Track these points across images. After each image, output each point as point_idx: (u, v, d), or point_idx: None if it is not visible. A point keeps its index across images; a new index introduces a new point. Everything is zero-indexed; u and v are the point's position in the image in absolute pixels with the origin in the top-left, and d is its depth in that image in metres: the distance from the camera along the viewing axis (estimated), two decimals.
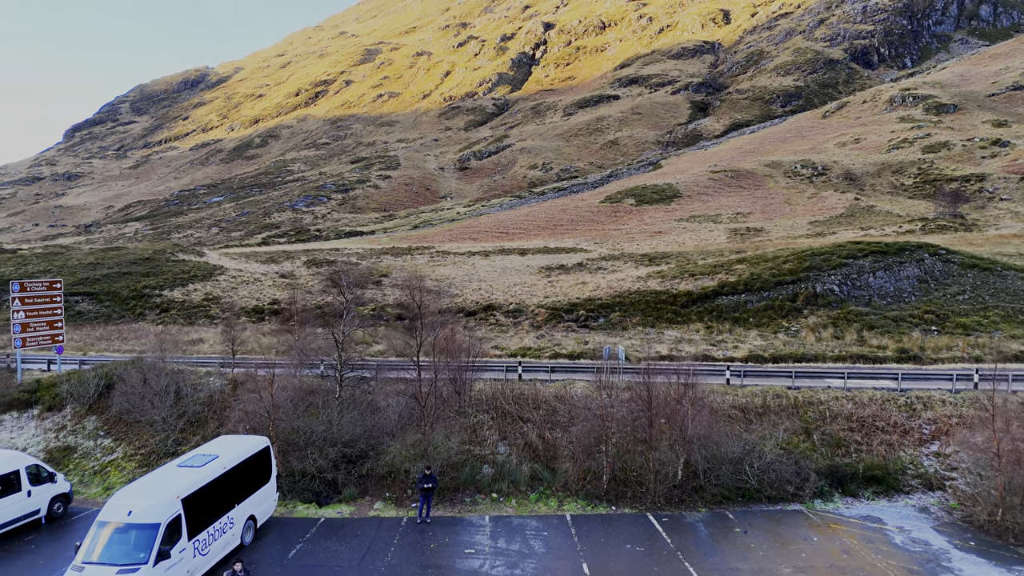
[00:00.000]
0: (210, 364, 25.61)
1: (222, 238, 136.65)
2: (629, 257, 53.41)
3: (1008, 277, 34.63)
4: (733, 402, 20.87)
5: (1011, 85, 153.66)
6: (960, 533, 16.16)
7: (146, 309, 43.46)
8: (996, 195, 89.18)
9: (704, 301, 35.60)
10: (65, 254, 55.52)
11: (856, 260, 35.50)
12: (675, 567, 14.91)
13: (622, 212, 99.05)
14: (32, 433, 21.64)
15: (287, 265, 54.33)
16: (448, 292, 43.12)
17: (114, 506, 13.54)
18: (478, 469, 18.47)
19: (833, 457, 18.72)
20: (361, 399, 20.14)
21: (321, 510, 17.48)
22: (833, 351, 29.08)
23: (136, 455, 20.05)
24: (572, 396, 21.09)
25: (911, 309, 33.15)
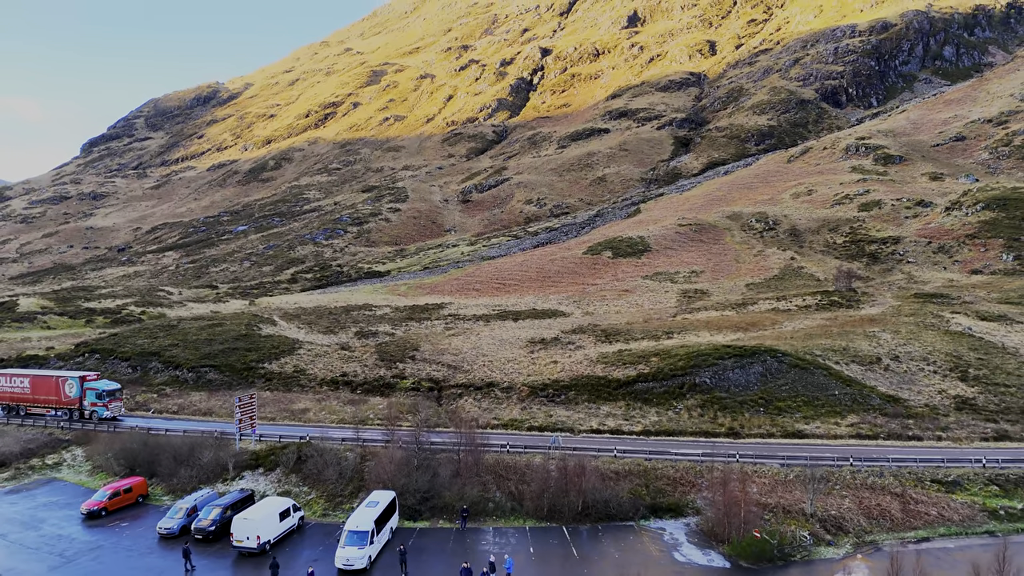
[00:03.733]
0: (333, 438, 44.71)
1: (256, 274, 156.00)
2: (591, 331, 72.70)
3: (816, 374, 53.77)
4: (614, 468, 39.75)
5: (954, 136, 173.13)
6: (698, 536, 34.98)
7: (255, 378, 62.57)
8: (904, 258, 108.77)
9: (628, 386, 54.70)
10: (179, 326, 74.64)
11: (724, 360, 54.62)
12: (567, 548, 34.00)
13: (600, 265, 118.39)
14: (264, 483, 40.45)
15: (343, 336, 73.49)
16: (462, 368, 62.54)
17: (351, 522, 32.43)
18: (486, 505, 37.41)
19: (655, 498, 37.73)
20: (426, 463, 39.22)
21: (415, 524, 36.36)
22: (694, 427, 48.17)
23: (322, 497, 38.92)
24: (533, 464, 40.02)
25: (752, 396, 52.19)
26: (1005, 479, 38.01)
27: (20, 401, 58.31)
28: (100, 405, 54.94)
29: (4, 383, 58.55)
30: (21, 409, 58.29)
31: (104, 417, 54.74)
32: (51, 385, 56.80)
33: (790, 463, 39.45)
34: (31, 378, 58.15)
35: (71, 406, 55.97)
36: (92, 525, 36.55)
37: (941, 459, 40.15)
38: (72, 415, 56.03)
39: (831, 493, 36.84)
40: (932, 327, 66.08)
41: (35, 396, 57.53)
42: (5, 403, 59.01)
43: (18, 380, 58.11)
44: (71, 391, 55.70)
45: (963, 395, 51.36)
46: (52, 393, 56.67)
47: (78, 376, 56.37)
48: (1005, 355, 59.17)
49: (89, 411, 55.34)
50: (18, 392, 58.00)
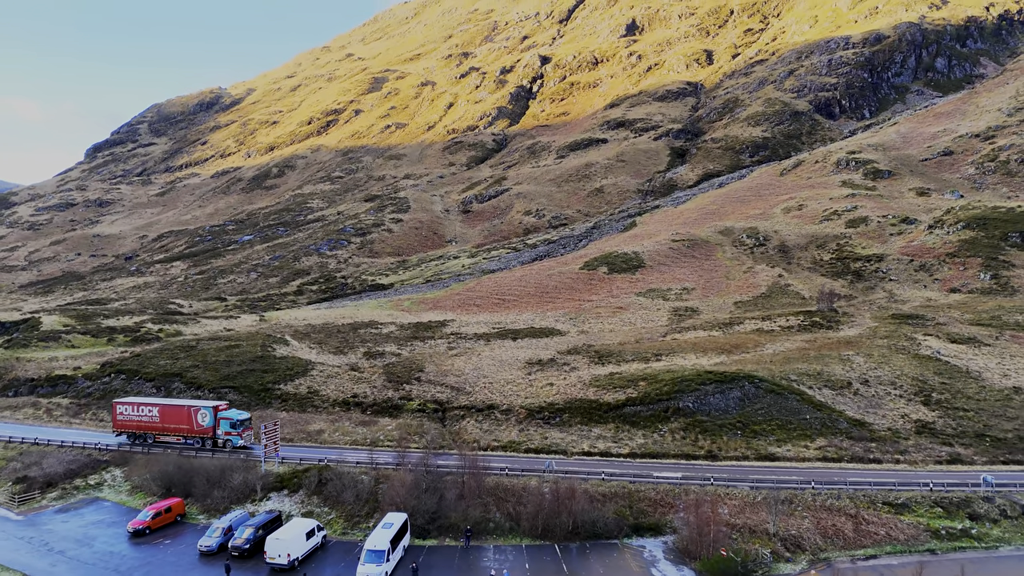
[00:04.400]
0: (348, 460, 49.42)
1: (263, 286, 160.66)
2: (586, 352, 77.39)
3: (790, 399, 58.38)
4: (602, 491, 44.36)
5: (942, 150, 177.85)
6: (674, 553, 39.54)
7: (272, 399, 67.22)
8: (887, 276, 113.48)
9: (617, 409, 59.30)
10: (198, 347, 79.31)
11: (705, 385, 59.21)
12: (559, 565, 38.64)
13: (596, 280, 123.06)
14: (289, 504, 45.07)
15: (352, 356, 78.16)
16: (464, 390, 67.23)
17: (370, 542, 37.02)
18: (487, 525, 42.00)
19: (638, 518, 42.33)
20: (434, 486, 43.84)
21: (424, 542, 40.98)
22: (676, 449, 52.80)
23: (341, 517, 43.51)
24: (529, 487, 44.64)
25: (730, 419, 56.78)
26: (949, 501, 42.72)
27: (148, 430, 59.31)
28: (235, 434, 56.75)
29: (131, 412, 59.65)
30: (149, 437, 59.49)
31: (237, 446, 56.64)
32: (183, 414, 58.28)
33: (759, 486, 44.13)
34: (160, 407, 59.23)
35: (203, 435, 57.68)
36: (138, 542, 41.23)
37: (894, 482, 44.86)
38: (204, 443, 57.74)
39: (793, 514, 41.55)
40: (903, 350, 70.79)
41: (164, 425, 58.79)
42: (131, 431, 59.95)
43: (146, 409, 59.17)
44: (204, 420, 57.50)
45: (924, 419, 56.08)
46: (183, 422, 58.22)
47: (211, 406, 58.06)
48: (968, 379, 63.89)
49: (223, 440, 57.09)
50: (146, 421, 59.16)
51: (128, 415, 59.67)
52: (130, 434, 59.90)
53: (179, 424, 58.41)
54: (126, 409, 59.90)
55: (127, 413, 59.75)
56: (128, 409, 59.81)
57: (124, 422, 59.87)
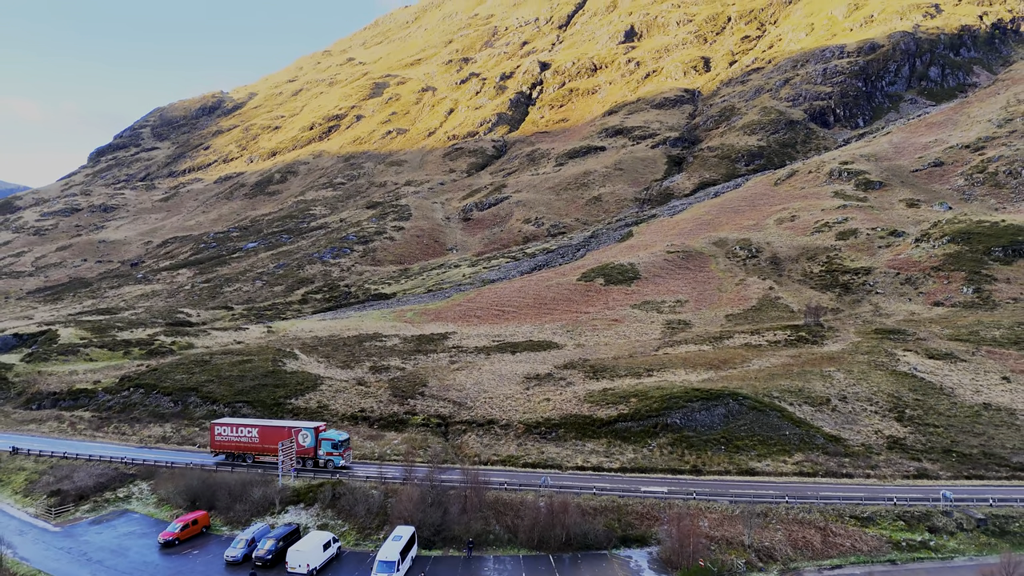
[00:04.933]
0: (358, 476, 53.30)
1: (268, 294, 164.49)
2: (581, 366, 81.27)
3: (771, 415, 62.15)
4: (593, 505, 48.14)
5: (933, 161, 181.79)
6: (657, 563, 43.21)
7: (284, 413, 70.99)
8: (874, 289, 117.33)
9: (609, 425, 63.08)
10: (212, 361, 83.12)
11: (692, 402, 63.03)
12: (552, 574, 42.57)
13: (593, 292, 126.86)
14: (305, 516, 48.85)
15: (358, 371, 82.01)
16: (466, 404, 71.08)
17: (382, 554, 40.78)
18: (488, 536, 45.82)
19: (625, 530, 46.13)
20: (439, 500, 47.63)
21: (430, 552, 44.79)
22: (664, 464, 56.58)
23: (353, 529, 47.27)
24: (526, 501, 48.44)
25: (715, 435, 60.58)
26: (911, 515, 46.57)
27: (247, 450, 60.19)
28: (337, 455, 57.52)
29: (230, 432, 60.51)
30: (248, 457, 60.37)
31: (339, 466, 57.37)
32: (283, 435, 58.77)
33: (737, 500, 47.97)
34: (260, 428, 60.13)
35: (305, 455, 58.44)
36: (168, 553, 45.02)
37: (863, 496, 48.72)
38: (305, 464, 58.48)
39: (767, 527, 45.41)
40: (882, 367, 74.66)
41: (264, 445, 59.67)
42: (229, 451, 60.81)
43: (245, 430, 60.10)
44: (305, 441, 58.47)
45: (895, 435, 59.97)
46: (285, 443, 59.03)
47: (312, 427, 58.90)
48: (940, 396, 67.78)
49: (324, 460, 57.97)
50: (245, 441, 60.08)
51: (226, 436, 60.65)
52: (228, 454, 61.00)
53: (279, 445, 58.98)
54: (224, 430, 60.83)
55: (225, 434, 60.72)
56: (226, 430, 60.76)
57: (222, 443, 60.77)
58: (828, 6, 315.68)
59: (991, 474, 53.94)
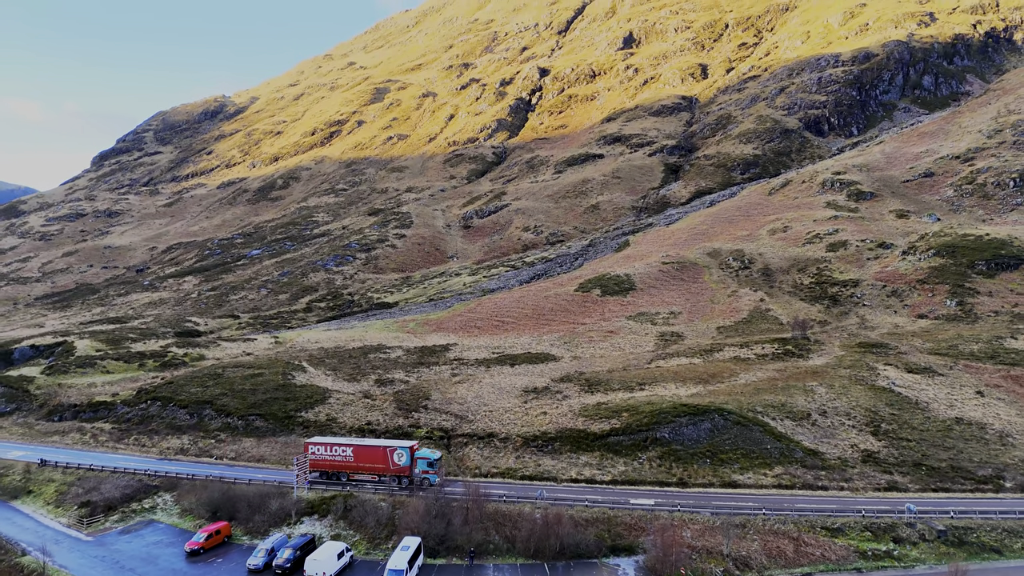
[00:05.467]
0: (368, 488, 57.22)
1: (274, 303, 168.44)
2: (577, 379, 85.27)
3: (754, 430, 66.09)
4: (585, 516, 52.02)
5: (923, 172, 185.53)
6: (644, 572, 46.88)
7: (295, 426, 74.93)
8: (861, 301, 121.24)
9: (602, 439, 67.00)
10: (224, 375, 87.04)
11: (680, 418, 66.99)
12: None
13: (589, 303, 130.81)
14: (320, 527, 52.68)
15: (365, 384, 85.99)
16: (467, 418, 75.04)
17: (391, 563, 44.62)
18: (488, 546, 49.73)
19: (615, 540, 50.03)
20: (442, 512, 51.58)
21: (435, 561, 48.73)
22: (652, 476, 60.53)
23: (364, 539, 51.18)
24: (524, 513, 52.35)
25: (701, 449, 64.51)
26: (877, 526, 50.54)
27: (342, 469, 61.74)
28: (432, 472, 59.62)
29: (324, 452, 61.96)
30: (342, 476, 61.94)
31: (434, 484, 59.27)
32: (378, 454, 60.94)
33: (719, 512, 51.96)
34: (354, 447, 61.79)
35: (400, 474, 60.53)
36: (194, 561, 48.95)
37: (834, 508, 52.70)
38: (400, 482, 60.68)
39: (745, 537, 49.38)
40: (862, 381, 78.62)
41: (359, 464, 61.43)
42: (323, 470, 62.16)
43: (339, 449, 61.71)
44: (400, 460, 60.34)
45: (870, 449, 63.95)
46: (379, 461, 60.91)
47: (407, 446, 60.76)
48: (915, 410, 71.75)
49: (420, 478, 60.00)
50: (339, 460, 61.69)
51: (321, 455, 62.08)
52: (322, 473, 62.35)
53: (375, 463, 61.25)
54: (318, 449, 62.27)
55: (320, 453, 62.13)
56: (321, 449, 62.23)
57: (317, 461, 62.11)
58: (824, 14, 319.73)
59: (957, 487, 57.93)
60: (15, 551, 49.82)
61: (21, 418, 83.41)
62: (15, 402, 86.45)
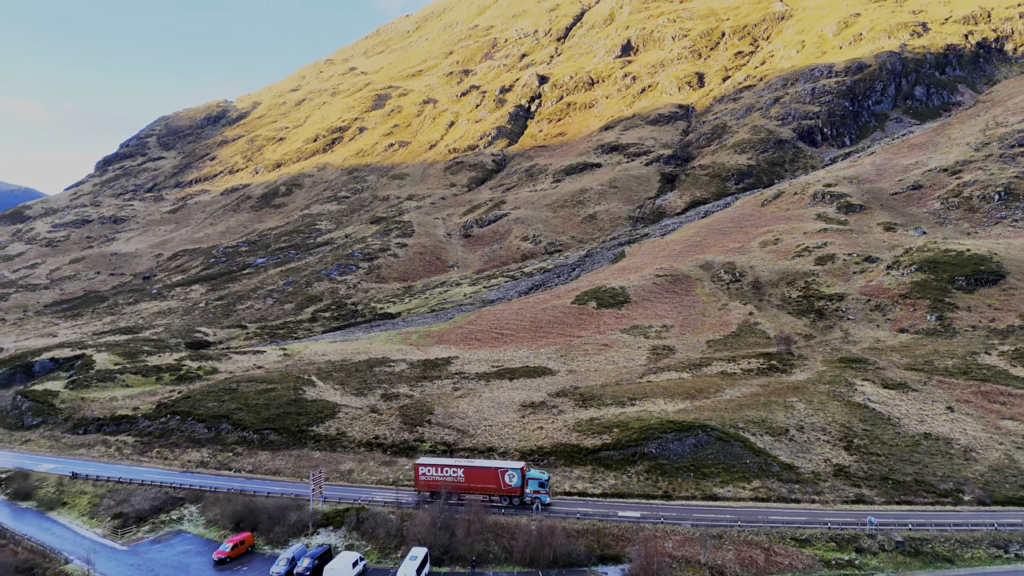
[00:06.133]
0: (377, 500, 62.33)
1: (279, 312, 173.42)
2: (572, 394, 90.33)
3: (735, 446, 71.10)
4: (576, 528, 56.93)
5: (912, 184, 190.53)
6: None
7: (307, 439, 79.91)
8: (845, 315, 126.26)
9: (594, 453, 71.98)
10: (239, 390, 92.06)
11: (667, 434, 71.99)
12: None
13: (585, 315, 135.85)
14: (335, 537, 57.66)
15: (371, 398, 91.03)
16: (468, 432, 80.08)
17: (401, 572, 49.53)
18: (488, 555, 54.69)
19: (603, 550, 55.04)
20: (446, 524, 56.58)
21: (440, 569, 53.69)
22: (640, 489, 65.60)
23: (376, 549, 56.11)
24: (520, 525, 57.29)
25: (685, 463, 69.45)
26: (842, 537, 55.57)
27: (453, 489, 63.06)
28: (544, 492, 61.72)
29: (434, 472, 64.04)
30: (452, 496, 62.78)
31: (545, 504, 61.43)
32: (490, 475, 63.11)
33: (698, 524, 56.97)
34: (465, 468, 63.78)
35: (511, 494, 62.61)
36: (222, 569, 53.91)
37: (804, 520, 57.73)
38: (511, 502, 62.83)
39: (721, 547, 54.43)
40: (839, 397, 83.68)
41: (470, 484, 63.27)
42: (434, 490, 63.51)
43: (450, 470, 63.81)
44: (511, 480, 62.40)
45: (842, 463, 69.01)
46: (491, 482, 62.94)
47: (518, 467, 63.05)
48: (887, 426, 76.80)
49: (531, 499, 61.89)
50: (450, 481, 63.40)
51: (431, 475, 64.13)
52: (432, 493, 63.65)
53: (486, 484, 63.36)
54: (428, 470, 64.40)
55: (430, 474, 64.23)
56: (431, 470, 64.36)
57: (427, 482, 64.08)
58: (819, 23, 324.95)
59: (919, 500, 62.99)
60: (59, 559, 54.81)
61: (48, 431, 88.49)
62: (41, 415, 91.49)
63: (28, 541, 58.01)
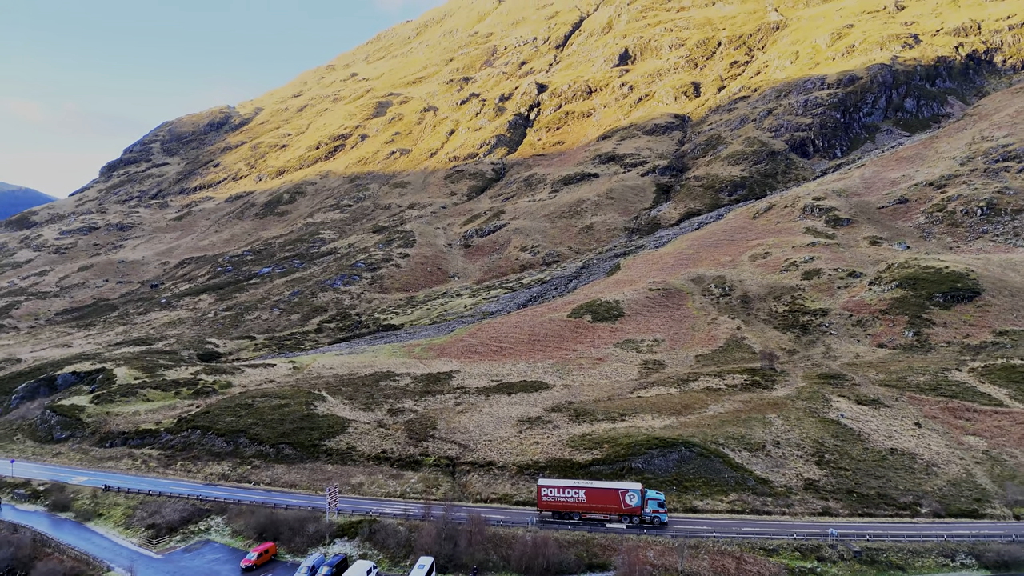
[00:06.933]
0: (386, 513, 68.48)
1: (286, 323, 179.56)
2: (567, 409, 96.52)
3: (715, 461, 77.20)
4: (567, 539, 63.03)
5: (898, 198, 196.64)
6: None
7: (320, 453, 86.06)
8: (828, 330, 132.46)
9: (586, 468, 77.97)
10: (254, 405, 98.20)
11: (652, 450, 78.14)
12: None
13: (581, 329, 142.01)
14: (349, 547, 63.75)
15: (378, 413, 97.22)
16: (469, 447, 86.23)
17: None
18: (487, 564, 60.69)
19: (592, 559, 61.13)
20: (450, 535, 62.67)
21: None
22: None
23: (387, 558, 62.06)
24: (517, 535, 63.35)
25: (669, 477, 75.57)
26: (806, 547, 61.78)
27: (574, 509, 67.50)
28: (663, 512, 65.96)
29: (556, 494, 67.87)
30: (575, 516, 67.74)
31: (663, 522, 65.63)
32: (611, 496, 67.03)
33: (677, 535, 63.20)
34: (586, 490, 67.72)
35: (632, 514, 66.37)
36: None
37: (773, 531, 63.91)
38: (632, 520, 66.72)
39: (696, 556, 60.63)
40: (814, 413, 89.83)
41: (591, 505, 67.42)
42: (556, 510, 67.93)
43: (572, 491, 67.67)
44: (632, 501, 66.31)
45: (812, 477, 75.20)
46: (611, 502, 66.80)
47: (638, 488, 67.02)
48: (856, 441, 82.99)
49: (651, 517, 65.91)
50: (571, 501, 67.46)
51: (553, 496, 68.00)
52: (554, 512, 68.13)
53: (607, 504, 67.21)
54: (550, 491, 68.19)
55: (552, 495, 68.05)
56: (553, 491, 68.15)
57: (549, 503, 68.01)
58: (812, 34, 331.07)
59: (880, 512, 69.18)
60: (102, 567, 60.95)
61: (76, 444, 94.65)
62: (69, 429, 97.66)
63: (72, 550, 64.12)
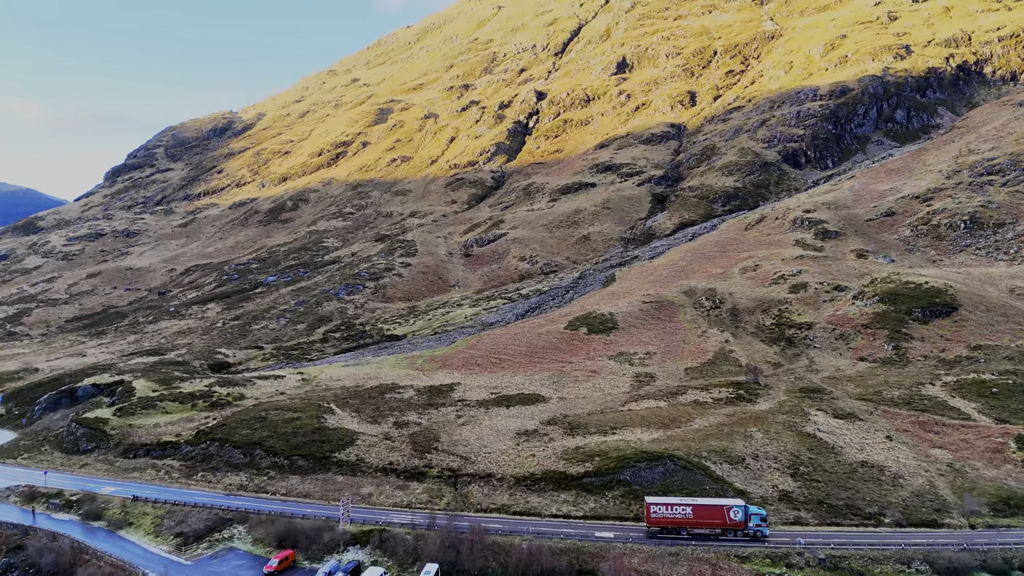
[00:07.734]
0: (394, 522, 74.83)
1: (293, 332, 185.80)
2: (562, 422, 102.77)
3: (697, 474, 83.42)
4: (560, 547, 68.89)
5: (885, 211, 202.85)
6: None
7: (331, 465, 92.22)
8: (812, 344, 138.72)
9: (578, 479, 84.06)
10: (268, 418, 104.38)
11: (640, 463, 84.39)
12: None
13: (577, 341, 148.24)
14: (362, 555, 69.52)
15: (384, 425, 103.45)
16: (470, 459, 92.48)
17: None
18: (487, 570, 66.98)
19: (582, 566, 67.29)
20: (454, 543, 68.83)
21: None
22: (615, 512, 77.72)
23: (396, 564, 68.07)
24: (514, 544, 69.49)
25: (655, 488, 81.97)
26: (776, 555, 68.06)
27: (681, 525, 71.86)
28: (764, 526, 70.29)
29: (664, 510, 72.03)
30: (683, 531, 71.93)
31: (765, 535, 70.14)
32: (717, 512, 71.54)
33: (660, 543, 69.52)
34: (693, 507, 72.00)
35: (736, 528, 70.91)
36: None
37: (747, 540, 70.23)
38: (736, 534, 71.12)
39: (677, 563, 66.94)
40: (793, 427, 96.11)
41: (698, 520, 71.74)
42: (664, 526, 72.09)
43: (679, 508, 71.94)
44: (736, 516, 70.79)
45: (787, 489, 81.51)
46: (717, 518, 71.31)
47: (741, 504, 71.72)
48: (830, 454, 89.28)
49: (754, 531, 70.40)
50: (679, 517, 71.76)
51: (662, 513, 72.21)
52: (662, 528, 72.25)
53: (713, 520, 71.81)
54: (659, 508, 72.43)
55: (660, 511, 72.27)
56: (661, 508, 72.39)
57: (658, 519, 72.21)
58: (806, 44, 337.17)
59: (846, 522, 75.45)
60: (137, 573, 67.16)
61: (102, 455, 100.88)
62: (95, 441, 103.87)
63: (109, 557, 70.28)
